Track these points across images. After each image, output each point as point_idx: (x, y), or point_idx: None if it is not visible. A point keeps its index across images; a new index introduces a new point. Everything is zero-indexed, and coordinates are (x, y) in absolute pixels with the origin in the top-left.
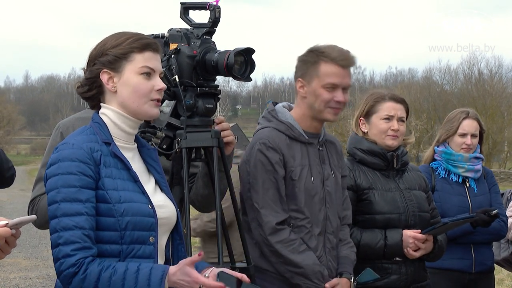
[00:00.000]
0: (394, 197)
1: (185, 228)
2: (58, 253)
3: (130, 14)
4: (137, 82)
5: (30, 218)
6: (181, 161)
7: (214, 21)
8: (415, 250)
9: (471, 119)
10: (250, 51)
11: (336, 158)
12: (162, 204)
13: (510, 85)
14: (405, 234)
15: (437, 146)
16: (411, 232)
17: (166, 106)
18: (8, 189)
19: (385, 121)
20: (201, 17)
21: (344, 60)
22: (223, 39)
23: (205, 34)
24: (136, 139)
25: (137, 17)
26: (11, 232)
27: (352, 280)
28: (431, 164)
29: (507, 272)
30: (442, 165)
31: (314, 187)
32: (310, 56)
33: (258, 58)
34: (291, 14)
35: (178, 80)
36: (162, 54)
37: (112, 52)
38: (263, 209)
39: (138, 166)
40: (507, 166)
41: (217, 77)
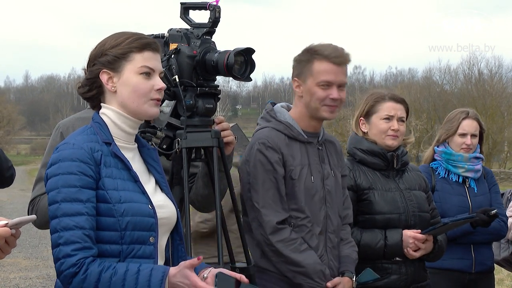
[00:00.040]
0: (394, 197)
1: (185, 228)
2: (59, 253)
3: (130, 14)
4: (136, 82)
5: (30, 218)
6: (181, 161)
7: (214, 21)
8: (415, 250)
9: (471, 119)
10: (250, 51)
11: (335, 157)
12: (162, 204)
13: (510, 85)
14: (405, 234)
15: (437, 146)
16: (411, 232)
17: (166, 106)
18: (8, 189)
19: (385, 121)
20: (201, 17)
21: (337, 57)
22: (223, 39)
23: (205, 34)
24: (136, 139)
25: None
26: (11, 232)
27: (354, 279)
28: (431, 164)
29: (507, 272)
30: (442, 165)
31: (314, 186)
32: (304, 55)
33: (258, 58)
34: (291, 14)
35: (178, 80)
36: (162, 54)
37: (111, 52)
38: (264, 208)
39: (138, 166)
40: (507, 166)
41: (217, 77)
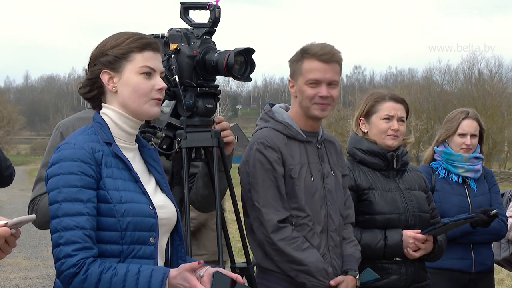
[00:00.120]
0: (394, 197)
1: (185, 228)
2: (59, 253)
3: (130, 14)
4: (137, 82)
5: (30, 217)
6: (181, 161)
7: (214, 21)
8: (415, 250)
9: (471, 119)
10: (250, 51)
11: (335, 157)
12: (163, 204)
13: (510, 85)
14: (405, 234)
15: (437, 146)
16: (411, 232)
17: (166, 106)
18: (8, 189)
19: (385, 121)
20: (201, 17)
21: (324, 54)
22: (223, 39)
23: (205, 34)
24: (137, 139)
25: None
26: (11, 231)
27: (357, 277)
28: (431, 164)
29: (507, 272)
30: (442, 165)
31: (314, 185)
32: (296, 55)
33: (258, 58)
34: (291, 14)
35: (178, 80)
36: (162, 54)
37: (112, 52)
38: (264, 207)
39: (138, 166)
40: (507, 166)
41: (217, 77)
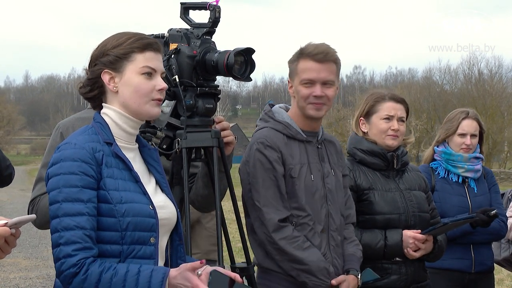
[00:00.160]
0: (394, 197)
1: (185, 228)
2: (59, 253)
3: (130, 14)
4: (138, 82)
5: (30, 217)
6: (181, 161)
7: (214, 21)
8: (415, 250)
9: (471, 119)
10: (250, 51)
11: (336, 157)
12: (163, 204)
13: (510, 85)
14: (405, 234)
15: (437, 146)
16: (411, 232)
17: (166, 106)
18: (8, 189)
19: (385, 121)
20: (201, 17)
21: (318, 54)
22: (223, 39)
23: (205, 34)
24: (137, 139)
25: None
26: (11, 231)
27: (359, 277)
28: (431, 164)
29: (507, 272)
30: (442, 165)
31: (314, 185)
32: (293, 56)
33: (258, 58)
34: (291, 14)
35: (178, 80)
36: (163, 54)
37: (113, 52)
38: (265, 207)
39: (139, 166)
40: (507, 166)
41: (217, 77)
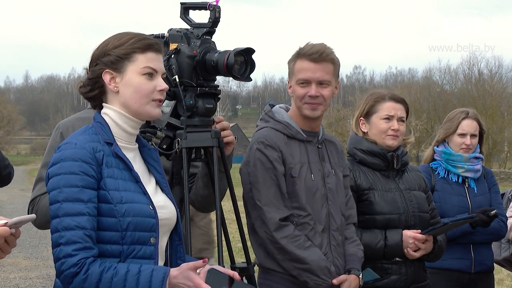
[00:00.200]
0: (394, 197)
1: (185, 228)
2: (59, 252)
3: (130, 14)
4: (139, 82)
5: (30, 217)
6: (181, 161)
7: (214, 21)
8: (415, 251)
9: (471, 119)
10: (250, 51)
11: (336, 157)
12: (163, 204)
13: (510, 85)
14: (405, 234)
15: (436, 146)
16: (411, 232)
17: (166, 106)
18: (8, 189)
19: (385, 121)
20: (201, 17)
21: (313, 54)
22: (223, 39)
23: (205, 34)
24: (137, 139)
25: (137, 17)
26: (10, 231)
27: (360, 277)
28: (431, 164)
29: (507, 272)
30: (442, 165)
31: (314, 184)
32: (291, 56)
33: (258, 58)
34: (291, 14)
35: (178, 80)
36: (163, 55)
37: (114, 52)
38: (266, 206)
39: (139, 166)
40: (507, 166)
41: (217, 77)
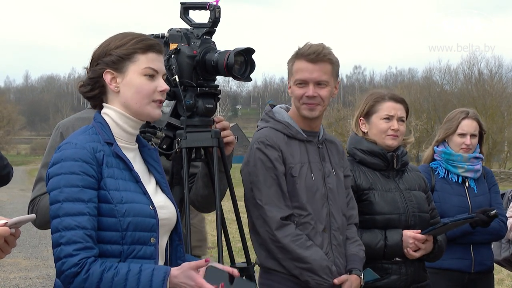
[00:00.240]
0: (394, 197)
1: (185, 228)
2: (60, 252)
3: (130, 14)
4: (140, 83)
5: (29, 217)
6: (181, 161)
7: (214, 21)
8: (415, 251)
9: (471, 119)
10: (250, 51)
11: (337, 157)
12: (163, 205)
13: (510, 85)
14: (405, 234)
15: (436, 146)
16: (411, 232)
17: (166, 106)
18: (8, 189)
19: (385, 121)
20: (201, 17)
21: (310, 54)
22: (223, 39)
23: (205, 34)
24: (137, 139)
25: (137, 17)
26: (10, 231)
27: (362, 277)
28: (431, 164)
29: (507, 272)
30: (442, 165)
31: (315, 184)
32: (290, 57)
33: (258, 58)
34: (291, 14)
35: (178, 80)
36: (164, 56)
37: (116, 52)
38: (267, 205)
39: (139, 166)
40: (507, 166)
41: (217, 77)
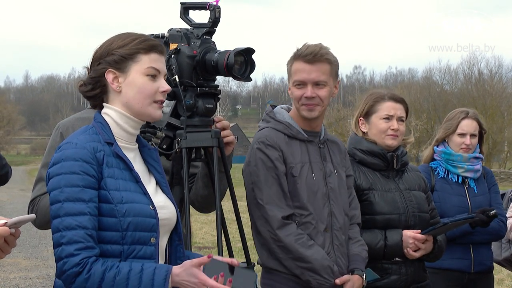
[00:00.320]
0: (394, 197)
1: (185, 228)
2: (61, 252)
3: (130, 14)
4: (142, 83)
5: (29, 217)
6: (181, 161)
7: (214, 21)
8: (415, 251)
9: (471, 119)
10: (250, 51)
11: (339, 157)
12: (163, 205)
13: (510, 85)
14: (405, 234)
15: (436, 146)
16: (411, 232)
17: (166, 106)
18: (8, 189)
19: (384, 120)
20: (201, 17)
21: (307, 55)
22: (223, 39)
23: (205, 34)
24: (137, 139)
25: (137, 17)
26: (10, 231)
27: (364, 277)
28: (431, 164)
29: (507, 272)
30: (442, 165)
31: (315, 184)
32: (289, 58)
33: (258, 58)
34: (291, 14)
35: (178, 80)
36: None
37: (118, 52)
38: (268, 204)
39: (139, 166)
40: (507, 166)
41: (217, 77)
